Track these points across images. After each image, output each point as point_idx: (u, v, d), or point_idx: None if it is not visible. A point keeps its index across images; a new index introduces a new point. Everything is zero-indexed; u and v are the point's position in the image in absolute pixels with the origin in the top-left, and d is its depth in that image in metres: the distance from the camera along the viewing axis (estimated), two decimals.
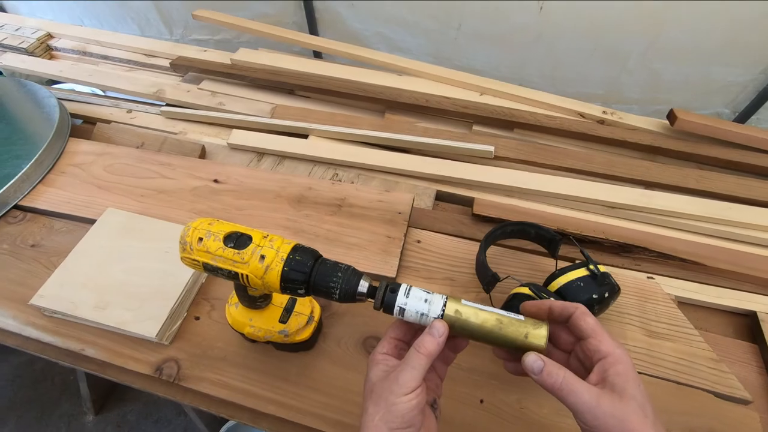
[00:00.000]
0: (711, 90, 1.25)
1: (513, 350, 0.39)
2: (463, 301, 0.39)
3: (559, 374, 0.34)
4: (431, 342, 0.36)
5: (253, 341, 0.55)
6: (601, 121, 0.92)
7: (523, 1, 1.14)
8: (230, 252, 0.40)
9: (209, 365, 0.55)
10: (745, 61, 1.15)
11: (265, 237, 0.42)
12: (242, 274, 0.40)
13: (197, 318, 0.59)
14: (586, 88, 1.30)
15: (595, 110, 0.93)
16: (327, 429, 0.51)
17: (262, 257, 0.40)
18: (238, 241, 0.41)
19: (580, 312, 0.37)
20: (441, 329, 0.37)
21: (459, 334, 0.39)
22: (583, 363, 0.37)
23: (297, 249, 0.41)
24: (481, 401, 0.53)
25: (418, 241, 0.70)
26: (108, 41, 1.21)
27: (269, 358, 0.56)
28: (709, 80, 1.21)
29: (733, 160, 0.85)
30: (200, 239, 0.41)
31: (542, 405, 0.52)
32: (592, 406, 0.32)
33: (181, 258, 0.42)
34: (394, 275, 0.63)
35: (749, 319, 0.67)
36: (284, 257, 0.40)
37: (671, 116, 0.87)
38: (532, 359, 0.36)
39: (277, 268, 0.40)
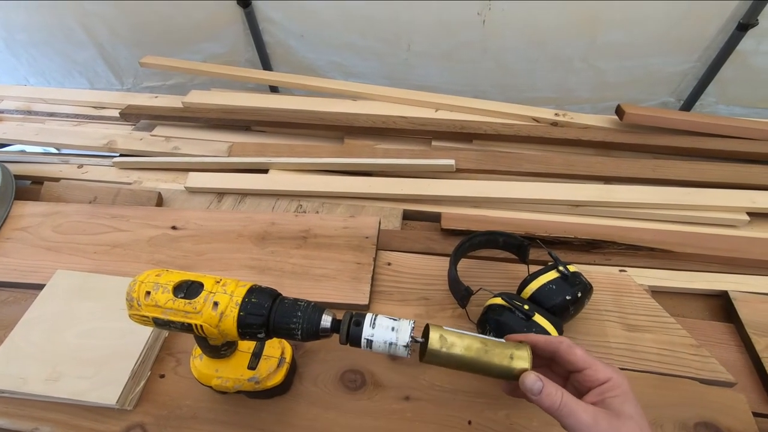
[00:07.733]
0: (654, 81, 1.31)
1: (495, 375, 0.38)
2: (445, 327, 0.38)
3: (557, 395, 0.34)
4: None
5: (223, 393, 0.51)
6: (555, 124, 0.94)
7: (467, 17, 1.18)
8: (181, 303, 0.38)
9: (179, 426, 0.51)
10: (681, 50, 1.21)
11: (218, 282, 0.39)
12: (196, 325, 0.38)
13: (162, 376, 0.55)
14: (538, 93, 1.34)
15: (547, 114, 0.96)
16: None
17: (216, 304, 0.38)
18: (189, 290, 0.39)
19: (566, 346, 0.37)
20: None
21: (444, 363, 0.37)
22: (578, 390, 0.37)
23: (253, 291, 0.39)
24: (469, 422, 0.51)
25: (389, 264, 0.68)
26: (53, 98, 1.17)
27: (243, 408, 0.52)
28: (651, 72, 1.27)
29: (682, 146, 0.87)
30: (148, 293, 0.38)
31: (531, 418, 0.50)
32: (590, 425, 0.32)
33: (130, 316, 0.40)
34: (366, 302, 0.61)
35: (722, 299, 0.68)
36: (239, 301, 0.38)
37: (619, 111, 0.90)
38: (531, 380, 0.35)
39: (232, 314, 0.37)
